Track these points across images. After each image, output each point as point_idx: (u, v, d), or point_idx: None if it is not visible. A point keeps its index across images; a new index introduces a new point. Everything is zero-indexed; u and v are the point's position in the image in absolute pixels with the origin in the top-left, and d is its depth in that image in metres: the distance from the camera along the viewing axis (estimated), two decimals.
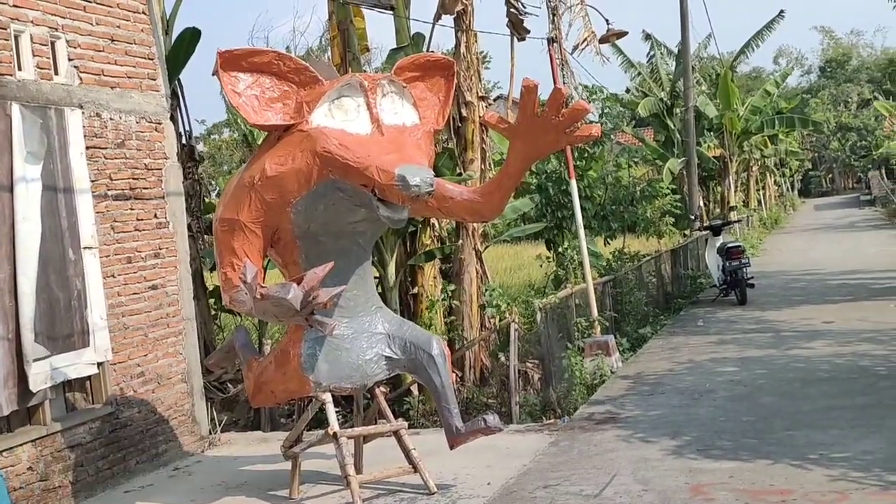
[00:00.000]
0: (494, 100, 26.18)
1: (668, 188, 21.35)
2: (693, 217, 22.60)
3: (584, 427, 8.49)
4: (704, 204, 30.15)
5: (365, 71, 12.05)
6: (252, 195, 6.28)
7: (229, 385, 11.14)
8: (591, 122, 13.50)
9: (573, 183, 12.32)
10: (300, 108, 6.17)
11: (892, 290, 16.19)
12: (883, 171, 53.45)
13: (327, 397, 6.58)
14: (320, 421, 7.25)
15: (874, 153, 53.89)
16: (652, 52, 32.33)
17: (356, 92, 6.18)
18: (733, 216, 27.58)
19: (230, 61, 6.09)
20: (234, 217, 6.36)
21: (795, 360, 10.67)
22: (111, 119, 8.18)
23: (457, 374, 10.51)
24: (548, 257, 13.65)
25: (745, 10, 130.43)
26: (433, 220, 11.07)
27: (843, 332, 12.24)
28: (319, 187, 6.10)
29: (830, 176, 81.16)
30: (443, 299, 11.06)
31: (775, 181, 54.61)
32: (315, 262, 6.20)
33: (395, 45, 11.91)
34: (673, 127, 29.40)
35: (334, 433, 6.46)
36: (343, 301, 6.49)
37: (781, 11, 32.86)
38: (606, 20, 13.68)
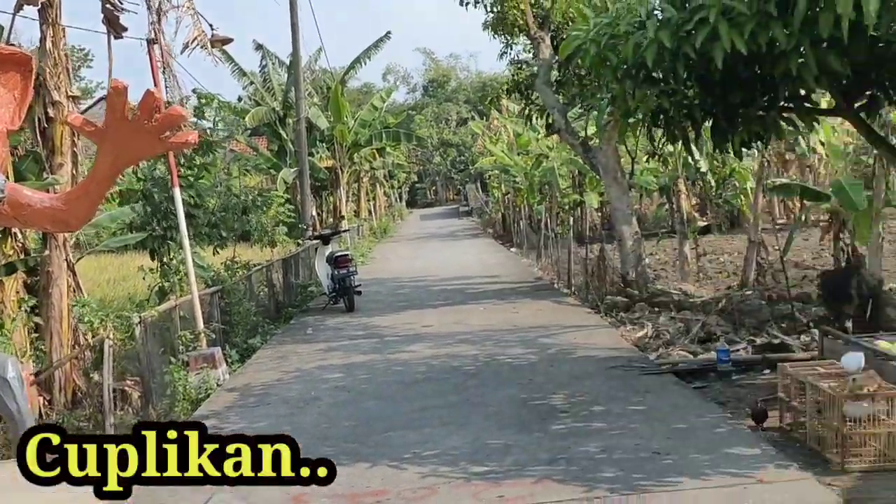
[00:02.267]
0: (99, 100, 24.64)
1: (282, 197, 21.41)
2: (306, 226, 22.92)
3: None
4: (318, 213, 30.80)
5: None
6: None
7: None
8: (194, 128, 13.11)
9: (177, 191, 11.86)
10: None
11: (483, 293, 17.66)
12: (478, 185, 58.36)
13: None
14: None
15: (471, 168, 58.77)
16: (264, 62, 32.47)
17: None
18: (343, 225, 28.49)
19: None
20: None
21: (396, 364, 11.14)
22: None
23: (44, 398, 9.61)
24: (151, 269, 13.02)
25: (356, 28, 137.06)
26: (15, 230, 10.02)
27: (441, 335, 13.04)
28: None
29: (434, 188, 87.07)
30: (27, 315, 10.04)
31: (385, 192, 57.47)
32: None
33: None
34: (286, 137, 29.75)
35: None
36: None
37: (388, 32, 34.77)
38: (211, 25, 13.35)
